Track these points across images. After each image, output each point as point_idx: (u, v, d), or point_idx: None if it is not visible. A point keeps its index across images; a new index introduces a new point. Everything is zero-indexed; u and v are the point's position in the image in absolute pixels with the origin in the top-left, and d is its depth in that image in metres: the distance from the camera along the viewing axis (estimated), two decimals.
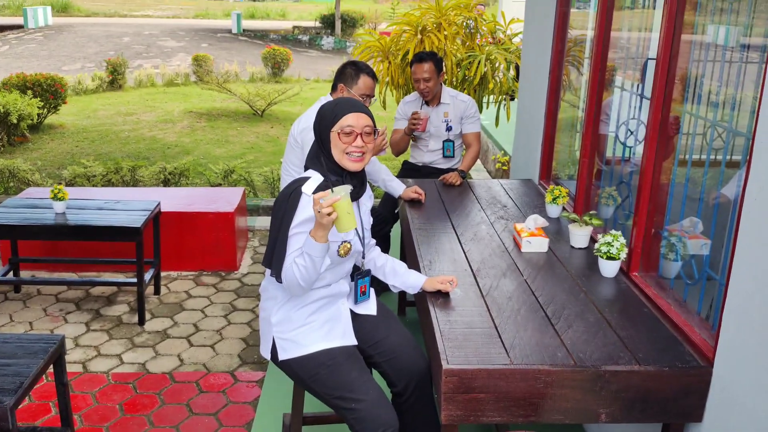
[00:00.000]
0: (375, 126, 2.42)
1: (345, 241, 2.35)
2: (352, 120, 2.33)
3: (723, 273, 2.19)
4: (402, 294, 4.23)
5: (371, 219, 2.62)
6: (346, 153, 2.34)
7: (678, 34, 2.58)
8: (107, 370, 3.79)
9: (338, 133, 2.33)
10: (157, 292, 4.71)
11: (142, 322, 4.29)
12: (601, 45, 3.35)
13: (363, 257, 2.56)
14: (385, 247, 4.34)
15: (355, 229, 2.42)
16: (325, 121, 2.37)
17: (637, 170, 2.97)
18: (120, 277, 4.91)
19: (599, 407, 2.14)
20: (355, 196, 2.40)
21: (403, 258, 3.81)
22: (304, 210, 2.27)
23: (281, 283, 2.30)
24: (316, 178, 2.36)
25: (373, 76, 3.68)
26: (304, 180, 2.34)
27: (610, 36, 3.35)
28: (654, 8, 3.15)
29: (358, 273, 2.52)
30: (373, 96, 3.72)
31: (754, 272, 1.93)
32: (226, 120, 11.29)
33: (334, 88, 3.72)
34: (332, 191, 2.13)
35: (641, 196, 2.76)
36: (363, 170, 2.46)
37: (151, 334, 4.20)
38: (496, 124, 7.00)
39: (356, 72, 3.65)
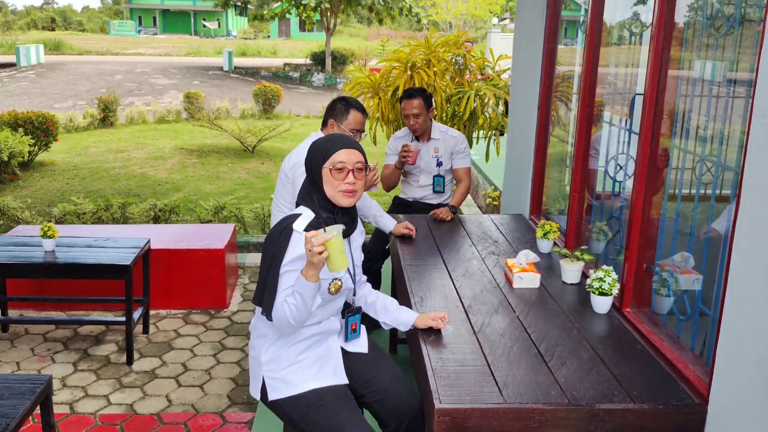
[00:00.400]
0: (366, 162, 2.42)
1: (336, 279, 2.33)
2: (343, 156, 2.33)
3: (716, 308, 2.18)
4: (393, 331, 4.19)
5: (362, 255, 2.61)
6: (339, 189, 2.33)
7: (665, 70, 2.61)
8: (94, 411, 3.72)
9: (330, 170, 2.33)
10: (145, 330, 4.65)
11: (130, 361, 4.23)
12: (589, 80, 3.38)
13: (354, 294, 2.54)
14: (376, 283, 4.31)
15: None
16: (316, 157, 2.37)
17: (627, 205, 2.98)
18: (109, 316, 4.85)
19: None
20: (347, 233, 2.39)
21: (394, 294, 3.79)
22: (296, 247, 2.25)
23: (272, 321, 2.28)
24: (307, 214, 2.35)
25: (362, 110, 3.70)
26: (295, 217, 2.33)
27: (598, 72, 3.38)
28: (641, 44, 3.19)
29: (348, 310, 2.49)
30: (364, 131, 3.73)
31: (746, 308, 1.92)
32: (216, 156, 11.30)
33: (324, 124, 3.73)
34: (324, 230, 2.12)
35: (632, 230, 2.76)
36: (354, 206, 2.45)
37: (139, 374, 4.13)
38: (486, 159, 7.02)
39: (346, 107, 3.67)
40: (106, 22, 58.97)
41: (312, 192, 2.39)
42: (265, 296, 2.26)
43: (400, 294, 3.25)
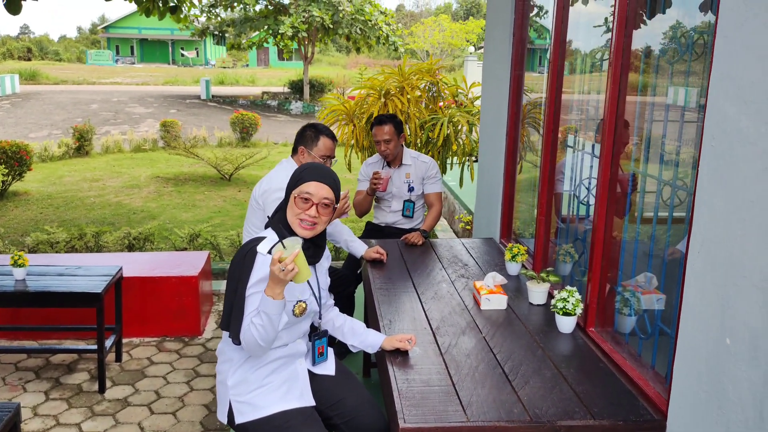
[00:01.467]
0: (337, 200, 2.45)
1: (300, 301, 2.36)
2: (312, 188, 2.37)
3: (674, 327, 2.24)
4: (366, 356, 4.21)
5: (329, 280, 2.65)
6: (299, 219, 2.37)
7: (623, 96, 2.70)
8: None
9: (296, 197, 2.37)
10: (118, 359, 4.63)
11: (102, 390, 4.20)
12: (553, 107, 3.47)
13: (320, 318, 2.57)
14: (349, 308, 4.34)
15: (312, 289, 2.44)
16: (291, 181, 2.42)
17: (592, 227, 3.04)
18: (81, 344, 4.82)
19: None
20: (310, 260, 2.42)
21: (366, 319, 3.82)
22: (261, 269, 2.28)
23: (239, 345, 2.30)
24: (271, 237, 2.39)
25: (332, 137, 3.75)
26: (259, 240, 2.37)
27: (561, 98, 3.47)
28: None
29: (315, 333, 2.52)
30: (334, 157, 3.78)
31: (700, 324, 1.98)
32: (193, 184, 11.30)
33: (295, 151, 3.78)
34: (283, 244, 2.16)
35: (594, 252, 2.83)
36: (323, 237, 2.49)
37: (111, 402, 4.10)
38: (461, 184, 7.11)
39: (315, 134, 3.72)
40: (83, 52, 58.87)
41: (281, 215, 2.43)
42: (232, 319, 2.28)
43: (371, 318, 3.28)
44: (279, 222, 2.42)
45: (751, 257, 1.72)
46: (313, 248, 2.44)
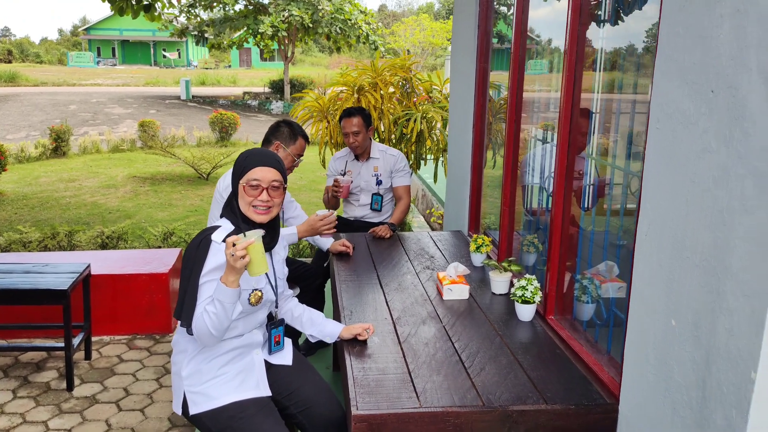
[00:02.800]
0: (285, 179, 2.45)
1: (256, 290, 2.35)
2: (259, 174, 2.36)
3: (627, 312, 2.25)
4: (337, 350, 4.21)
5: (286, 270, 2.64)
6: (252, 206, 2.36)
7: (578, 88, 2.71)
8: None
9: (244, 186, 2.35)
10: (87, 356, 4.59)
11: (70, 387, 4.16)
12: (515, 100, 3.48)
13: (276, 307, 2.56)
14: (319, 302, 4.32)
15: (268, 278, 2.43)
16: (235, 171, 2.41)
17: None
18: (50, 343, 4.77)
19: None
20: (268, 246, 2.41)
21: (335, 312, 3.81)
22: (214, 257, 2.27)
23: (192, 334, 2.28)
24: (226, 226, 2.38)
25: (306, 137, 3.83)
26: (214, 228, 2.36)
27: (523, 92, 3.48)
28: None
29: (271, 323, 2.51)
30: (303, 156, 3.83)
31: (647, 307, 1.99)
32: (170, 184, 11.24)
33: (267, 142, 3.77)
34: (245, 235, 2.15)
35: (552, 241, 2.84)
36: (277, 221, 2.48)
37: (79, 399, 4.07)
38: (435, 180, 7.12)
39: (293, 133, 3.76)
40: (64, 54, 58.39)
41: (233, 205, 2.42)
42: (185, 308, 2.27)
43: (334, 310, 3.28)
44: (232, 212, 2.41)
45: (693, 237, 1.73)
46: (268, 234, 2.43)
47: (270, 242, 2.43)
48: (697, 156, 1.71)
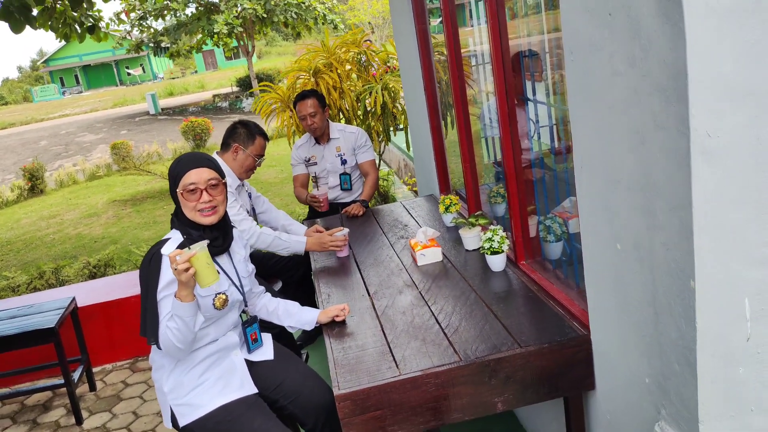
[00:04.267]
0: (222, 175, 2.44)
1: (219, 293, 2.37)
2: (193, 177, 2.35)
3: None
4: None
5: (251, 266, 2.65)
6: (196, 210, 2.36)
7: (504, 33, 2.70)
8: None
9: (183, 193, 2.35)
10: (92, 388, 4.62)
11: (79, 422, 4.20)
12: (454, 55, 3.48)
13: (245, 305, 2.57)
14: (306, 291, 4.34)
15: (231, 280, 2.44)
16: (171, 181, 2.40)
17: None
18: (53, 381, 4.80)
19: (493, 396, 2.19)
20: (222, 248, 2.42)
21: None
22: (168, 271, 2.28)
23: (161, 350, 2.30)
24: (176, 237, 2.38)
25: (265, 136, 3.81)
26: (163, 242, 2.36)
27: (460, 46, 3.47)
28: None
29: (245, 322, 2.53)
30: (264, 155, 3.82)
31: (595, 236, 2.01)
32: (151, 201, 11.23)
33: (226, 147, 3.76)
34: (189, 248, 2.16)
35: (509, 187, 2.85)
36: (225, 221, 2.48)
37: (90, 431, 4.11)
38: (408, 148, 7.11)
39: (250, 133, 3.74)
40: (28, 91, 57.81)
41: (179, 214, 2.42)
42: (148, 326, 2.28)
43: (315, 295, 3.30)
44: (182, 223, 2.41)
45: (619, 161, 1.75)
46: (221, 236, 2.43)
47: (223, 244, 2.44)
48: (609, 80, 1.72)
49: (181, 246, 2.32)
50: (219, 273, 2.29)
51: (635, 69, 1.59)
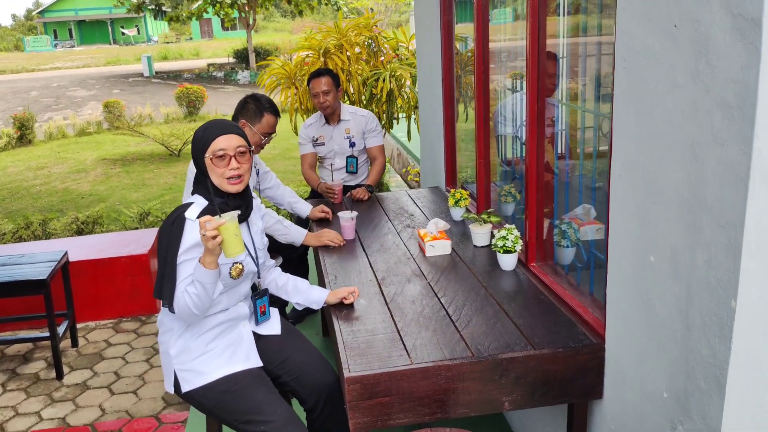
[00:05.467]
0: (249, 144, 2.41)
1: (236, 263, 2.34)
2: (223, 143, 2.31)
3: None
4: (325, 316, 4.23)
5: (266, 240, 2.62)
6: (224, 177, 2.32)
7: (543, 30, 2.68)
8: (26, 428, 3.65)
9: (211, 159, 2.31)
10: (74, 344, 4.57)
11: (60, 376, 4.16)
12: (482, 49, 3.45)
13: (259, 277, 2.55)
14: (303, 270, 4.33)
15: (248, 250, 2.42)
16: (197, 146, 2.35)
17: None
18: (35, 333, 4.74)
19: (502, 395, 2.19)
20: (243, 217, 2.39)
21: (319, 280, 3.81)
22: (190, 236, 2.25)
23: (174, 313, 2.27)
24: (200, 202, 2.35)
25: (275, 113, 3.70)
26: (187, 206, 2.33)
27: (489, 43, 3.45)
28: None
29: (255, 294, 2.50)
30: (275, 132, 3.76)
31: (625, 246, 2.01)
32: (141, 163, 11.11)
33: (235, 120, 3.71)
34: (220, 216, 2.13)
35: (529, 188, 2.84)
36: (248, 190, 2.46)
37: (70, 387, 4.07)
38: (408, 138, 7.09)
39: (259, 110, 3.65)
40: (20, 39, 56.83)
41: (203, 180, 2.38)
42: (164, 288, 2.25)
43: (319, 277, 3.28)
44: (205, 188, 2.37)
45: (665, 174, 1.74)
46: (243, 205, 2.40)
47: (244, 213, 2.41)
48: (666, 92, 1.71)
49: (204, 212, 2.29)
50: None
51: (697, 83, 1.58)
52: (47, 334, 4.15)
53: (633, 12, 1.84)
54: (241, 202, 2.39)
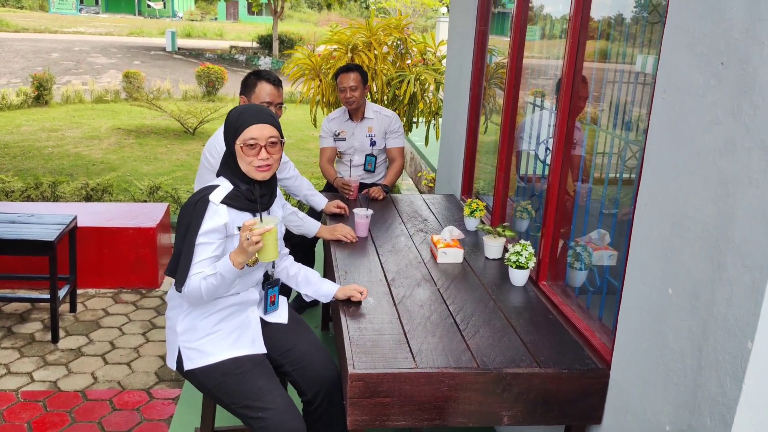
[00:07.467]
0: (281, 135, 2.41)
1: None
2: (255, 132, 2.30)
3: (621, 280, 2.27)
4: (325, 310, 4.24)
5: (284, 229, 2.62)
6: (252, 165, 2.31)
7: (581, 55, 2.69)
8: (16, 388, 3.65)
9: (242, 146, 2.30)
10: (73, 309, 4.58)
11: (55, 339, 4.16)
12: (514, 67, 3.46)
13: (273, 266, 2.55)
14: (309, 261, 4.33)
15: None
16: (229, 130, 2.35)
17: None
18: (35, 294, 4.75)
19: (502, 410, 2.19)
20: (264, 206, 2.40)
21: (326, 272, 3.81)
22: (212, 219, 2.25)
23: (181, 292, 2.27)
24: (225, 186, 2.35)
25: (273, 81, 3.45)
26: (212, 188, 2.32)
27: (523, 59, 3.45)
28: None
29: (267, 282, 2.51)
30: (281, 103, 3.53)
31: (644, 276, 2.01)
32: (155, 137, 11.12)
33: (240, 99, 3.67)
34: (261, 220, 2.13)
35: (548, 208, 2.85)
36: (274, 179, 2.46)
37: (64, 351, 4.07)
38: (426, 143, 7.10)
39: (252, 81, 3.45)
40: (45, 0, 56.88)
41: (230, 163, 2.38)
42: (179, 268, 2.25)
43: (327, 269, 3.29)
44: (231, 172, 2.37)
45: (696, 208, 1.74)
46: (268, 193, 2.41)
47: (268, 201, 2.42)
48: (704, 128, 1.72)
49: (229, 196, 2.29)
50: None
51: (738, 122, 1.58)
52: (47, 296, 4.16)
53: (679, 45, 1.84)
54: (266, 191, 2.39)
